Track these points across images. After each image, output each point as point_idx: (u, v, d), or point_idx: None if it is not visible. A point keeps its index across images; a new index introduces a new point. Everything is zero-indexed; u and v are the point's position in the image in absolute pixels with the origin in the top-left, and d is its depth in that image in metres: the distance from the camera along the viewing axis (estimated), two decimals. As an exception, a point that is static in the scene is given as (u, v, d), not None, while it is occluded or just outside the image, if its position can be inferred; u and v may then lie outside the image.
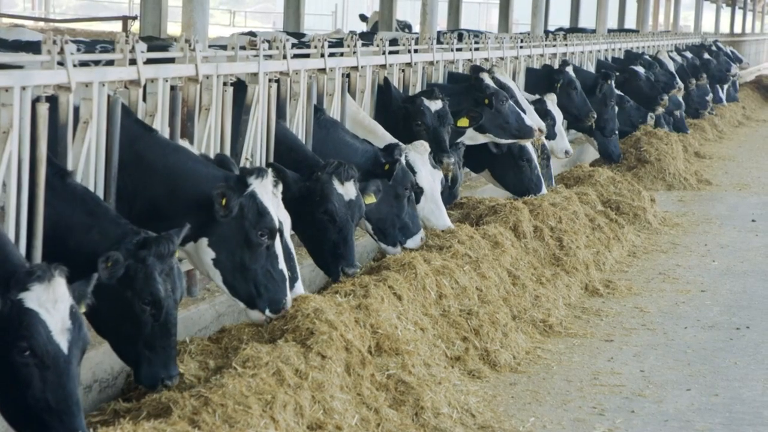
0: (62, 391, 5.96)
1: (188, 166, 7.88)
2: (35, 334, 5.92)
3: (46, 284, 5.98)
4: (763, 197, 19.63)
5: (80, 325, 6.09)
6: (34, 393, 5.93)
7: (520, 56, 17.11)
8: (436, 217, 11.13)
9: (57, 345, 5.97)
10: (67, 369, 5.98)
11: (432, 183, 11.09)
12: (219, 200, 7.59)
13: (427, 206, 11.07)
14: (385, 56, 12.56)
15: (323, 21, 58.64)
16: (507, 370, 9.47)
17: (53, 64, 7.36)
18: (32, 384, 5.93)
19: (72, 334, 6.02)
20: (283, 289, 7.81)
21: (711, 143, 26.32)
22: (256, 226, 7.69)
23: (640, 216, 15.77)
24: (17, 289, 5.96)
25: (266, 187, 7.80)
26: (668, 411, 8.83)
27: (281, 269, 7.81)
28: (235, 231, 7.69)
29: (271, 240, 7.74)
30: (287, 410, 6.82)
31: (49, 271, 6.01)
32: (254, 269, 7.74)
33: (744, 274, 13.63)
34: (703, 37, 38.19)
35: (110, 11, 54.96)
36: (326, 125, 10.67)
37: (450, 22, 27.25)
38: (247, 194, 7.69)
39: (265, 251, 7.74)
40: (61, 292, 6.03)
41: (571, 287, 11.88)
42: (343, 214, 9.16)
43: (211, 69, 9.06)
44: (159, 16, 16.59)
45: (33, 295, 5.97)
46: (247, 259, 7.72)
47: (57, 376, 5.95)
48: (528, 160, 13.82)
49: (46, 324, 5.95)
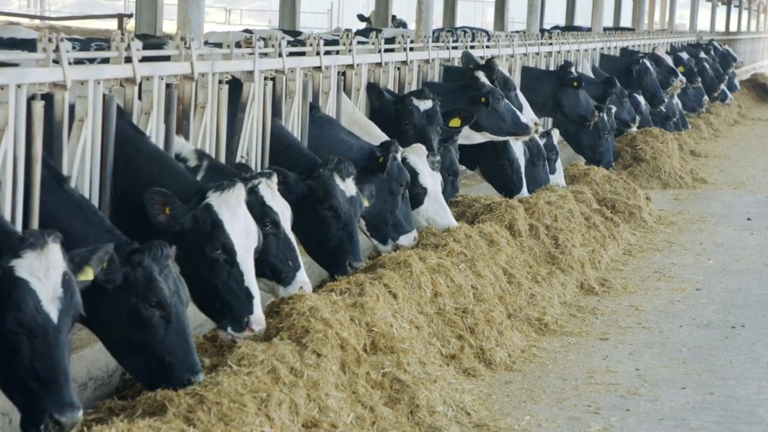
0: (50, 360, 5.93)
1: (169, 174, 7.78)
2: (23, 305, 5.89)
3: (38, 251, 5.94)
4: (758, 196, 19.65)
5: (72, 293, 6.04)
6: (22, 361, 5.91)
7: (516, 54, 17.11)
8: (442, 217, 11.14)
9: (46, 314, 5.94)
10: (56, 338, 5.94)
11: (434, 184, 11.10)
12: (155, 206, 7.39)
13: (431, 207, 11.07)
14: (380, 54, 12.56)
15: (319, 19, 58.63)
16: (502, 368, 9.47)
17: (49, 61, 7.36)
18: (21, 352, 5.91)
19: (63, 303, 5.99)
20: (247, 307, 7.48)
21: (706, 142, 26.34)
22: (210, 241, 7.45)
23: (636, 214, 15.77)
24: (9, 255, 5.93)
25: (227, 200, 7.51)
26: (663, 409, 8.83)
27: (246, 287, 7.49)
28: (192, 244, 7.46)
29: (227, 256, 7.46)
30: (282, 408, 6.81)
31: (43, 237, 5.96)
32: (214, 285, 7.48)
33: (739, 272, 13.64)
34: (699, 35, 38.21)
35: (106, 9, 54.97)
36: (321, 123, 10.68)
37: (446, 21, 27.24)
38: (202, 207, 7.48)
39: (226, 266, 7.47)
40: (54, 259, 5.98)
41: (567, 285, 11.89)
42: (347, 210, 9.17)
43: (207, 67, 9.06)
44: (154, 14, 16.60)
45: (25, 262, 5.93)
46: (206, 272, 7.48)
47: (45, 346, 5.93)
48: (509, 159, 13.87)
49: (35, 293, 5.92)
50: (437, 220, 11.10)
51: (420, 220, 11.04)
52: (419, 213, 11.00)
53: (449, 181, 12.31)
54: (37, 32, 9.52)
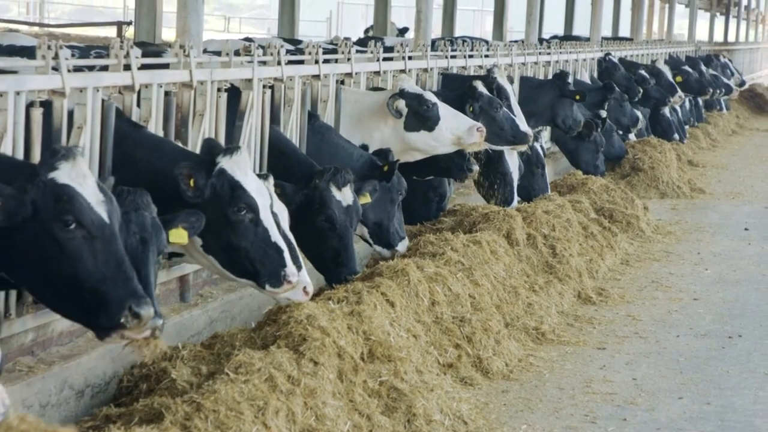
0: (114, 257, 6.04)
1: (169, 158, 7.77)
2: (77, 205, 6.01)
3: (72, 161, 6.06)
4: (755, 206, 19.66)
5: (111, 198, 6.19)
6: (86, 265, 5.99)
7: (515, 64, 17.13)
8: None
9: (99, 214, 6.06)
10: (113, 236, 6.07)
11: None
12: (185, 181, 7.46)
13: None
14: (379, 63, 12.58)
15: (318, 27, 58.62)
16: (499, 377, 9.47)
17: (48, 69, 7.37)
18: (83, 257, 5.99)
19: (107, 205, 6.13)
20: (281, 261, 7.60)
21: (704, 152, 26.37)
22: (232, 203, 7.54)
23: (633, 224, 15.78)
24: (46, 169, 6.04)
25: (238, 163, 7.60)
26: (660, 419, 8.84)
27: (275, 242, 7.61)
28: (213, 212, 7.48)
29: (252, 214, 7.57)
30: (279, 416, 6.82)
31: (71, 149, 6.11)
32: (244, 246, 7.58)
33: (736, 282, 13.65)
34: (697, 45, 38.26)
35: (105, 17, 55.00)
36: (321, 131, 10.70)
37: (444, 30, 27.26)
38: (216, 172, 7.54)
39: (252, 226, 7.57)
40: (85, 167, 6.13)
41: (564, 295, 11.89)
42: (342, 221, 9.17)
43: (206, 75, 9.07)
44: (153, 22, 16.60)
45: (63, 173, 6.05)
46: (233, 237, 7.57)
47: (106, 245, 6.03)
48: (503, 173, 13.90)
49: (83, 196, 6.04)
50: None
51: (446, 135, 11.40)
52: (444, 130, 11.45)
53: (435, 202, 12.55)
54: (36, 39, 9.55)
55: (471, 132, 11.60)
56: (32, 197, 6.01)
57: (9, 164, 6.48)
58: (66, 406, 7.27)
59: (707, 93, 27.44)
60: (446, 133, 11.56)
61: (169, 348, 7.66)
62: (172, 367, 7.34)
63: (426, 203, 12.74)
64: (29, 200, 6.01)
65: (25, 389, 6.97)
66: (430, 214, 12.69)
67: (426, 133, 11.56)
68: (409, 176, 11.50)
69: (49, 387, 7.16)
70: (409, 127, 11.53)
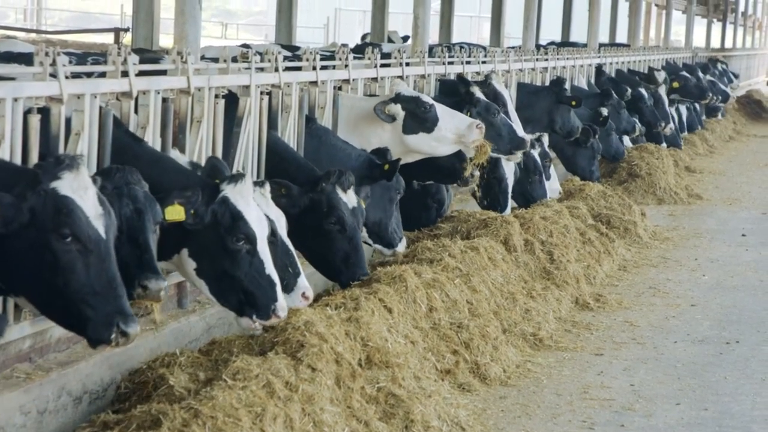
0: (106, 274, 6.06)
1: (169, 176, 7.81)
2: (76, 219, 6.03)
3: (75, 172, 6.08)
4: (753, 212, 19.67)
5: (110, 211, 6.21)
6: (79, 278, 6.01)
7: (512, 70, 17.14)
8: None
9: (96, 229, 6.07)
10: (107, 252, 6.09)
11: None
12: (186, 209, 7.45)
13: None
14: (376, 69, 12.59)
15: (315, 34, 58.66)
16: (497, 383, 9.47)
17: (45, 75, 7.37)
18: (76, 270, 6.02)
19: (105, 219, 6.14)
20: (272, 295, 7.64)
21: (701, 158, 26.39)
22: (232, 232, 7.56)
23: (631, 230, 15.79)
24: (48, 178, 6.05)
25: (241, 192, 7.63)
26: (658, 425, 8.84)
27: (269, 274, 7.65)
28: (212, 239, 7.54)
29: (249, 245, 7.60)
30: (277, 423, 6.82)
31: (75, 159, 6.12)
32: (237, 276, 7.61)
33: (734, 288, 13.65)
34: (694, 51, 38.30)
35: (102, 23, 54.90)
36: (318, 133, 10.71)
37: (442, 36, 27.29)
38: (219, 200, 7.57)
39: (247, 257, 7.60)
40: (87, 179, 6.15)
41: (562, 301, 11.89)
42: (351, 222, 9.20)
43: (203, 81, 9.07)
44: (151, 29, 16.58)
45: (65, 183, 6.07)
46: (228, 266, 7.60)
47: (100, 260, 6.06)
48: (498, 178, 13.92)
49: (83, 210, 6.05)
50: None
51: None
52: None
53: (434, 209, 12.62)
54: (33, 46, 9.54)
55: (471, 129, 11.60)
56: (31, 204, 6.01)
57: (8, 169, 6.48)
58: (64, 413, 7.27)
59: (707, 98, 27.42)
60: (446, 133, 11.57)
61: (167, 354, 7.67)
62: (169, 373, 7.34)
63: (425, 210, 12.74)
64: (28, 207, 6.01)
65: (22, 396, 6.96)
66: (429, 220, 12.69)
67: (425, 134, 11.57)
68: (409, 181, 11.52)
69: (47, 393, 7.15)
70: (408, 130, 11.54)
